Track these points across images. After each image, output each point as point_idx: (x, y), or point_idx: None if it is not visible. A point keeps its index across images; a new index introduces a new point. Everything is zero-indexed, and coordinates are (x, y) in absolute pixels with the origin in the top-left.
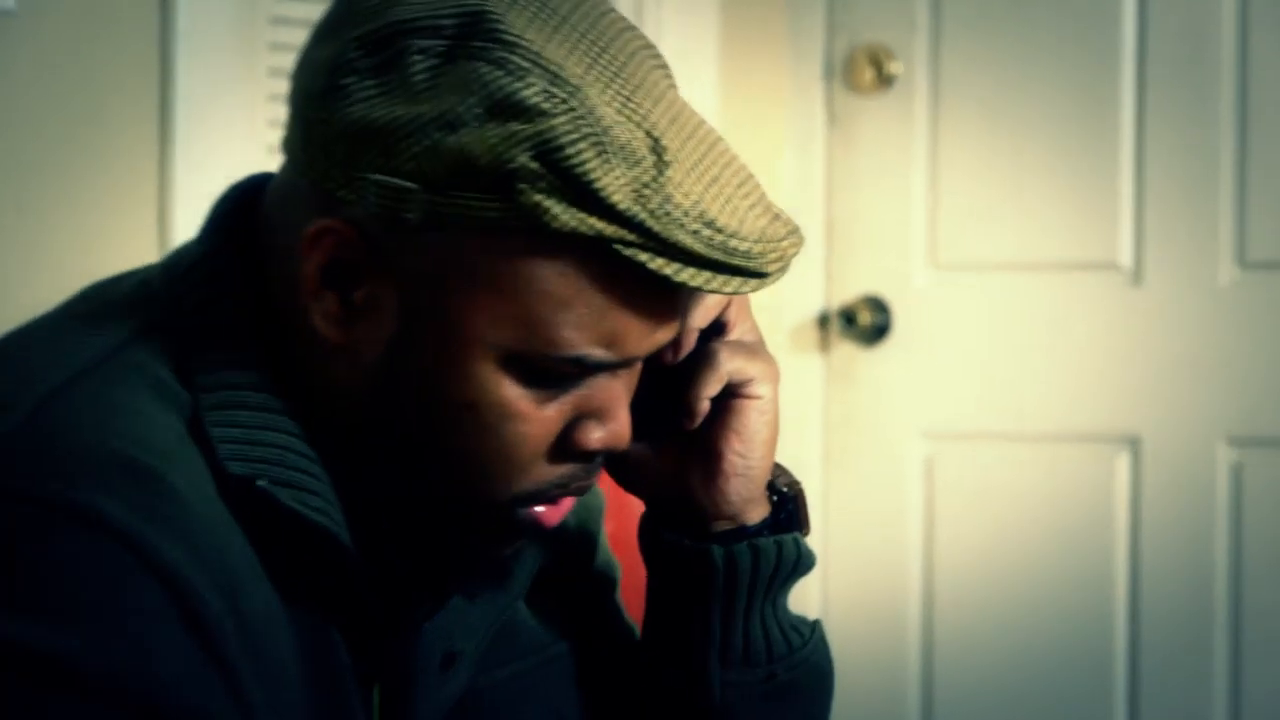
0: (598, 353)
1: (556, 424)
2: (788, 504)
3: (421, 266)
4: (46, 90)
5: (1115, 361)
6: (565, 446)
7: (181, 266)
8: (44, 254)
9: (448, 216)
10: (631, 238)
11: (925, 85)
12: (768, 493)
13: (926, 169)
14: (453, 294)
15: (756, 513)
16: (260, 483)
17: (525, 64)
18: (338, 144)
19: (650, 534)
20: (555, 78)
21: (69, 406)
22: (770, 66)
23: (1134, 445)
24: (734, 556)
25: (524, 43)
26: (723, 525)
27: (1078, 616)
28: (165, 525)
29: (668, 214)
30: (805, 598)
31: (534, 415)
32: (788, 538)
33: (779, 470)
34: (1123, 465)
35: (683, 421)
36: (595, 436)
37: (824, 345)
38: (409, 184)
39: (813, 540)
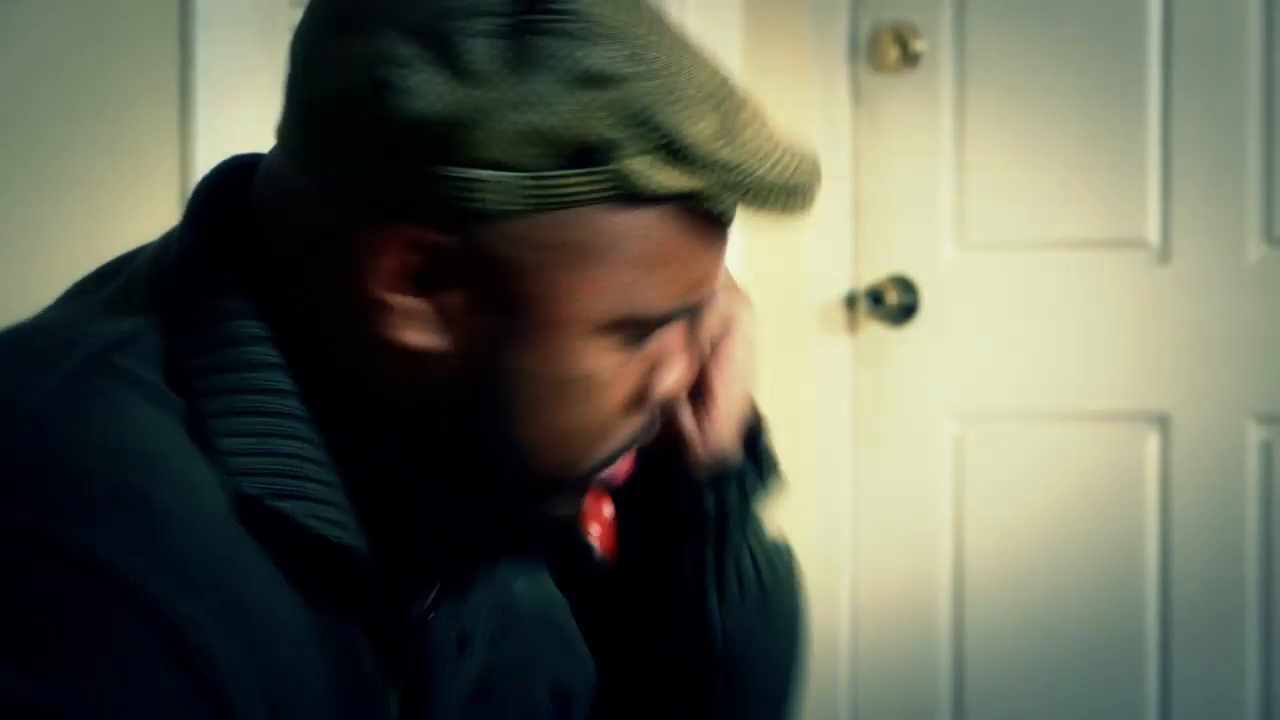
0: (684, 304)
1: (638, 380)
2: (757, 438)
3: (509, 254)
4: (65, 73)
5: (1143, 340)
6: (640, 399)
7: (169, 262)
8: (63, 237)
9: (538, 198)
10: (720, 187)
11: (950, 63)
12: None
13: (953, 148)
14: (546, 276)
15: (735, 448)
16: (271, 502)
17: (594, 31)
18: (400, 144)
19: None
20: (624, 40)
21: (50, 425)
22: (795, 46)
23: (1163, 423)
24: (724, 498)
25: (585, 10)
26: (710, 463)
27: (1108, 595)
28: (153, 554)
29: (749, 157)
30: (835, 578)
31: (622, 376)
32: (769, 469)
33: None
34: (1152, 444)
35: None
36: (670, 383)
37: (852, 326)
38: (496, 172)
39: (843, 520)
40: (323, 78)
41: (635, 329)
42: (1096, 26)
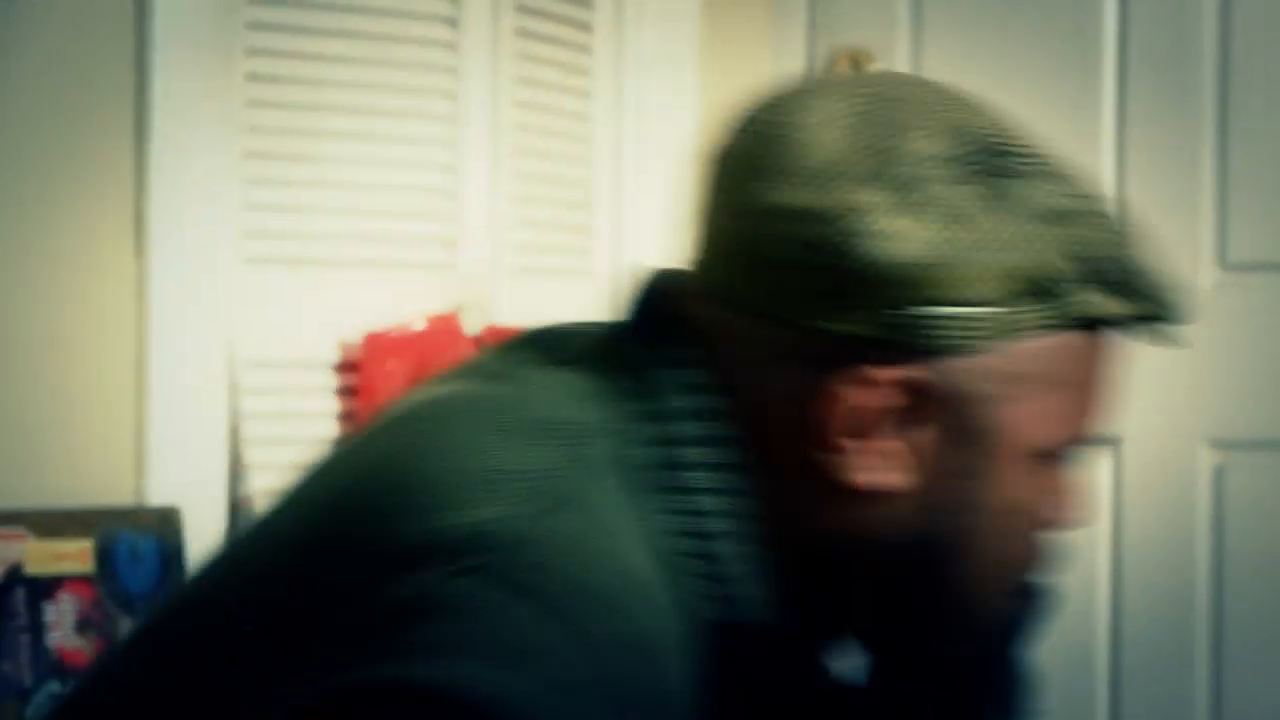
0: (1089, 426)
1: (1044, 507)
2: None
3: (973, 387)
4: (20, 98)
5: None
6: (1042, 526)
7: (637, 379)
8: (16, 262)
9: (1003, 331)
10: (1147, 313)
11: None
12: None
13: None
14: (1004, 407)
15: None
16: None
17: (1046, 170)
18: (874, 288)
19: None
20: (1065, 178)
21: (573, 525)
22: (751, 68)
23: (1115, 447)
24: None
25: (1036, 152)
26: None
27: (1058, 620)
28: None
29: (1162, 288)
30: None
31: (1038, 503)
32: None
33: None
34: (1103, 467)
35: None
36: (1059, 512)
37: None
38: (967, 309)
39: None
40: (775, 227)
41: (1058, 452)
42: (1051, 51)
